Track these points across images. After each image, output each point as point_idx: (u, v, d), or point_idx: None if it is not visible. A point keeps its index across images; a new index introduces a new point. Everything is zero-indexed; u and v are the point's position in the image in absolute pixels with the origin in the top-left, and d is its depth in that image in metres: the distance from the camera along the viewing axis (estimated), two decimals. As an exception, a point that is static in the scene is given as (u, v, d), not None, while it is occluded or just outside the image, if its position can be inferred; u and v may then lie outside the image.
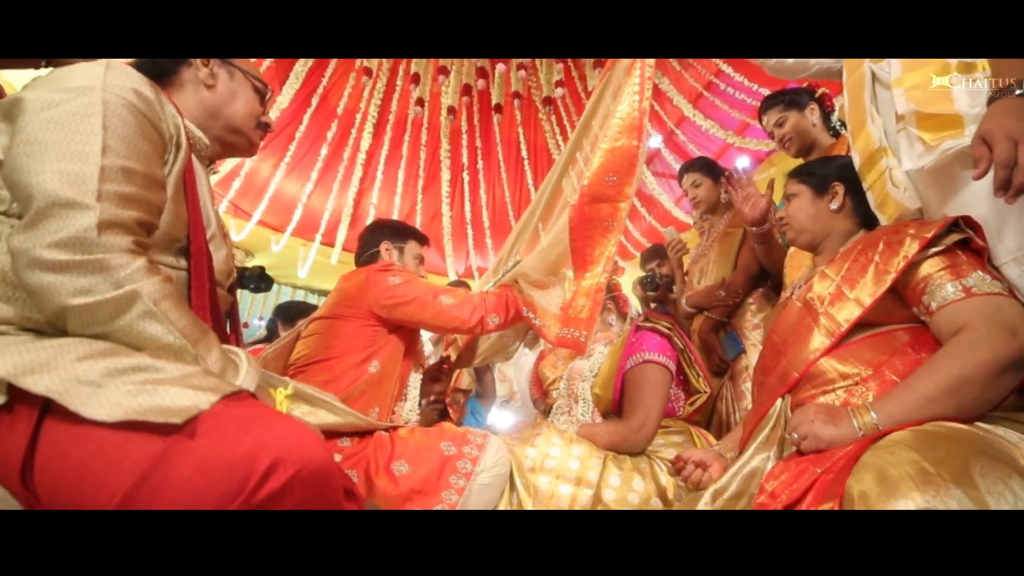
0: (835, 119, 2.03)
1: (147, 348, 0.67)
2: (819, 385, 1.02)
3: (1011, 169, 0.78)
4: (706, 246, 2.32)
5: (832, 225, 1.28)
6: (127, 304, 0.65)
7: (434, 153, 5.16)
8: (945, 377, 0.83)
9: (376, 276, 1.50)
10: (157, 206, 0.78)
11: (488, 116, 4.78)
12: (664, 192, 4.77)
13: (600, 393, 1.64)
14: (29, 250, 0.62)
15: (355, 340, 1.42)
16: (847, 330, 1.01)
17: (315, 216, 5.32)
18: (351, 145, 4.80)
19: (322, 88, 4.35)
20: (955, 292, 0.92)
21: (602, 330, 1.86)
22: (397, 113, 4.78)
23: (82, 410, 0.55)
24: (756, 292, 2.03)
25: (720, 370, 2.02)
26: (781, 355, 1.12)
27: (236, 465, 0.54)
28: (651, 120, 4.45)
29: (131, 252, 0.68)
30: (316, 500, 0.58)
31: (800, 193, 1.34)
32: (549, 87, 4.40)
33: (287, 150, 4.67)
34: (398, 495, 1.23)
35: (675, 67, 3.99)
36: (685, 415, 1.67)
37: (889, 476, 0.66)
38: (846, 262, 1.12)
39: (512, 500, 1.40)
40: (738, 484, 0.96)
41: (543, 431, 1.53)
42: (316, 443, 0.60)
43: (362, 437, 1.29)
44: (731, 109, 3.85)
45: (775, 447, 0.97)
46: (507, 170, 5.31)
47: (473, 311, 1.50)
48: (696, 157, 2.49)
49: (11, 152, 0.67)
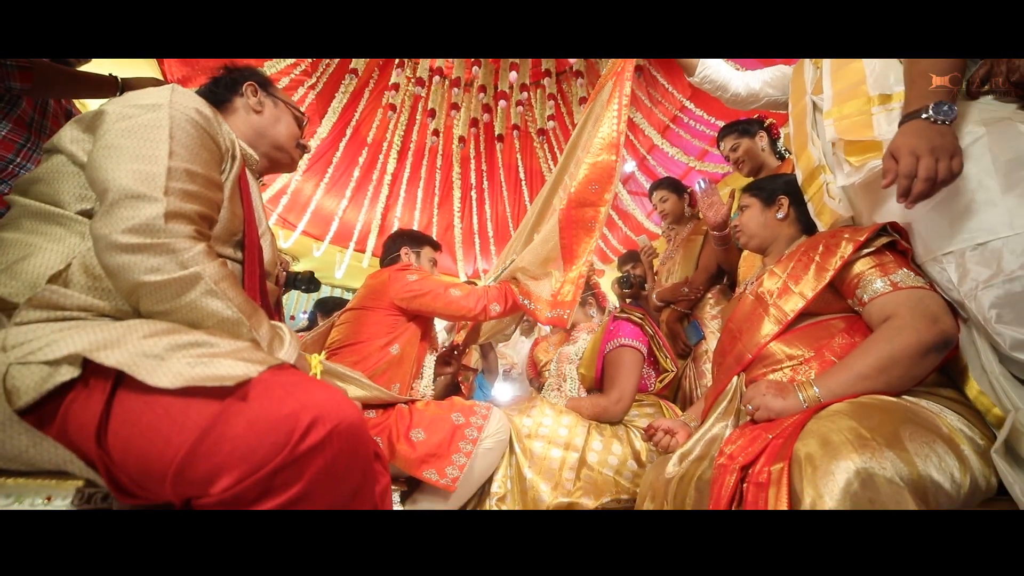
0: (780, 145, 2.01)
1: (207, 323, 0.64)
2: (769, 365, 1.00)
3: (911, 180, 0.76)
4: (672, 250, 2.30)
5: (778, 231, 1.26)
6: (192, 283, 0.63)
7: (447, 175, 5.12)
8: (876, 358, 0.81)
9: (397, 274, 1.48)
10: (216, 203, 0.76)
11: (492, 145, 4.74)
12: (637, 208, 4.73)
13: (584, 372, 1.64)
14: (107, 235, 0.61)
15: (379, 327, 1.40)
16: (793, 319, 0.99)
17: (349, 227, 5.28)
18: (379, 168, 4.75)
19: (355, 121, 4.31)
20: (883, 286, 0.90)
21: (585, 321, 1.85)
22: (417, 142, 4.73)
23: (148, 379, 0.52)
24: (714, 288, 2.01)
25: (684, 353, 2.00)
26: (737, 340, 1.10)
27: (282, 421, 0.51)
28: (626, 147, 4.42)
29: (193, 238, 0.66)
30: (351, 452, 0.56)
31: (751, 205, 1.32)
32: (543, 120, 4.36)
33: (326, 172, 4.63)
34: (416, 458, 1.20)
35: (646, 103, 3.96)
36: (655, 390, 1.65)
37: (831, 441, 0.64)
38: (791, 262, 1.10)
39: (511, 461, 1.37)
40: (701, 448, 0.93)
41: (537, 404, 1.50)
42: (350, 404, 0.58)
43: (385, 409, 1.27)
44: (693, 139, 3.81)
45: (732, 417, 0.95)
46: (508, 190, 5.27)
47: (478, 301, 1.48)
48: (664, 177, 2.46)
49: (92, 155, 0.66)
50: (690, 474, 0.89)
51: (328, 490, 0.54)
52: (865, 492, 0.56)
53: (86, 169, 0.67)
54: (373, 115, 4.41)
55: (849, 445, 0.61)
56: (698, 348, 1.93)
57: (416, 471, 1.20)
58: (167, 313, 0.63)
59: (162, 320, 0.63)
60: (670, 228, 2.40)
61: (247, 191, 0.87)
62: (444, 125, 4.54)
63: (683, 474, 0.91)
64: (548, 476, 1.31)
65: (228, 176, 0.81)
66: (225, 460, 0.50)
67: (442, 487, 1.19)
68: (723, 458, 0.81)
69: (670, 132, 3.95)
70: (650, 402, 1.59)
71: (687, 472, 0.90)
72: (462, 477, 1.22)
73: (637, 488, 1.31)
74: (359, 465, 0.58)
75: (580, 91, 4.01)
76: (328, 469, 0.53)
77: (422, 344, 1.50)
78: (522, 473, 1.33)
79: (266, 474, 0.50)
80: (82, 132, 0.71)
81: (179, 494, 0.51)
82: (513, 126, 4.22)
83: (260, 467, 0.50)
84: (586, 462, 1.36)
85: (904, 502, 0.54)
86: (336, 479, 0.54)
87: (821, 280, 0.99)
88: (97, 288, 0.65)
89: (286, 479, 0.51)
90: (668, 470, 0.94)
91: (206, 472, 0.50)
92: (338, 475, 0.54)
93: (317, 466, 0.52)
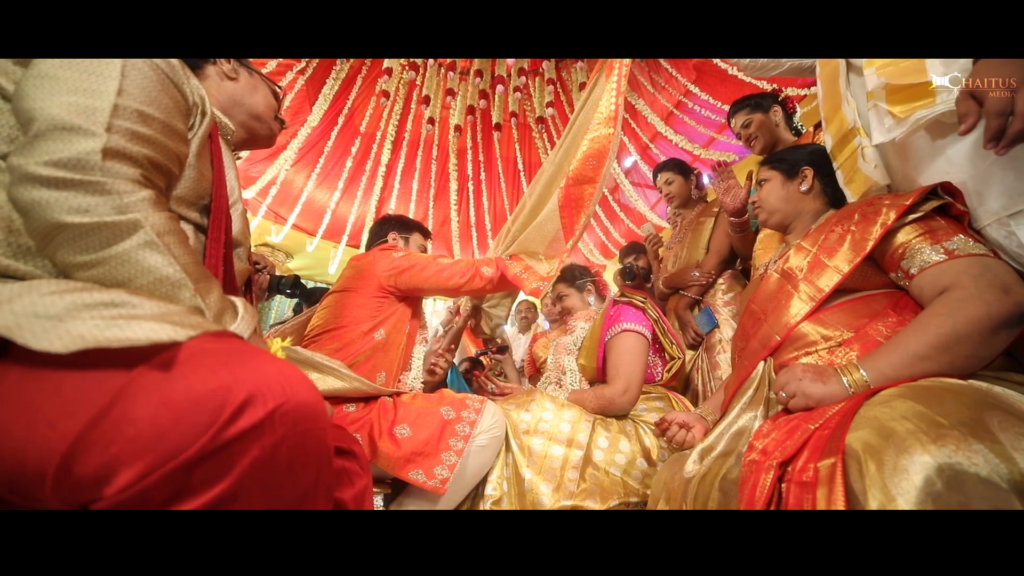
0: (797, 120, 1.90)
1: (138, 281, 0.52)
2: (801, 347, 0.88)
3: (1005, 118, 0.65)
4: (678, 235, 2.19)
5: (802, 205, 1.15)
6: (127, 231, 0.52)
7: (443, 167, 5.00)
8: (936, 334, 0.69)
9: (382, 252, 1.38)
10: (176, 155, 0.64)
11: (489, 135, 4.62)
12: (640, 199, 4.62)
13: (585, 363, 1.52)
14: (23, 166, 0.49)
15: (363, 310, 1.28)
16: (827, 295, 0.88)
17: (342, 221, 5.16)
18: (372, 159, 4.64)
19: (347, 109, 4.19)
20: (937, 255, 0.79)
21: (583, 309, 1.72)
22: (412, 132, 4.61)
23: (33, 343, 0.40)
24: (726, 274, 1.89)
25: (695, 343, 1.88)
26: (761, 321, 0.99)
27: (207, 398, 0.40)
28: (627, 135, 4.31)
29: (138, 183, 0.55)
30: (298, 442, 0.44)
31: (771, 178, 1.20)
32: (541, 108, 4.24)
33: (317, 163, 4.51)
34: (400, 457, 1.09)
35: (648, 89, 3.84)
36: (663, 381, 1.53)
37: (895, 431, 0.53)
38: (821, 234, 0.99)
39: (508, 460, 1.26)
40: (726, 443, 0.82)
41: (536, 397, 1.38)
42: (301, 380, 0.46)
43: (367, 402, 1.15)
44: (698, 125, 3.70)
45: (761, 407, 0.83)
46: (505, 182, 5.15)
47: (467, 267, 1.38)
48: (669, 159, 2.35)
49: (22, 84, 0.54)
50: (713, 473, 0.78)
51: (267, 490, 0.42)
52: (953, 495, 0.44)
53: (12, 100, 0.55)
54: (366, 103, 4.29)
55: (922, 436, 0.50)
56: (710, 337, 1.81)
57: (401, 472, 1.08)
58: (89, 266, 0.51)
59: (81, 275, 0.51)
60: (676, 214, 2.29)
61: (219, 154, 0.78)
62: (440, 113, 4.42)
63: (704, 473, 0.79)
64: (549, 476, 1.20)
65: (196, 132, 0.71)
66: (125, 449, 0.38)
67: (430, 489, 1.08)
68: (754, 453, 0.70)
69: (674, 119, 3.84)
70: (658, 394, 1.47)
71: (709, 471, 0.78)
72: (453, 478, 1.11)
73: (648, 490, 1.19)
74: (311, 460, 0.46)
75: (580, 76, 3.90)
76: (266, 462, 0.42)
77: (411, 330, 1.38)
78: (520, 473, 1.22)
79: (179, 466, 0.38)
80: (13, 64, 0.59)
81: (64, 498, 0.39)
82: (511, 114, 4.11)
83: (171, 457, 0.38)
84: (591, 461, 1.24)
85: (1009, 508, 0.43)
86: (278, 476, 0.43)
87: (859, 252, 0.87)
88: (15, 246, 0.53)
89: (208, 473, 0.39)
90: (687, 468, 0.82)
91: (99, 466, 0.38)
92: (280, 470, 0.43)
93: (251, 457, 0.40)
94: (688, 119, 3.72)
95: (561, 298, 1.75)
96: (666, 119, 3.87)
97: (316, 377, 1.08)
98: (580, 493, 1.17)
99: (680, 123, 3.82)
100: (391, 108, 4.38)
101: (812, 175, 1.15)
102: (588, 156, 1.40)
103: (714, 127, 3.65)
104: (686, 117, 3.73)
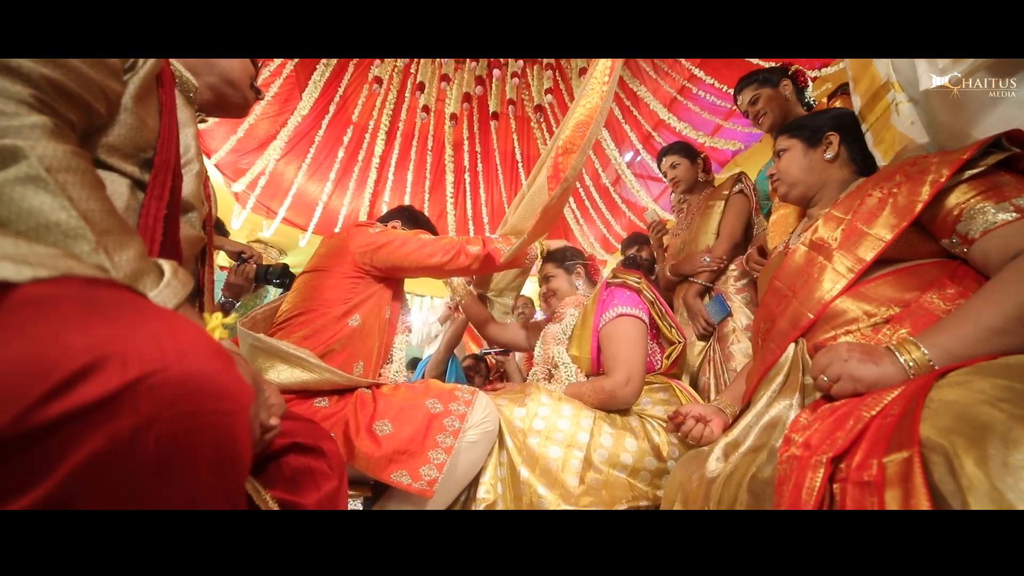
0: (809, 94, 1.78)
1: (19, 226, 0.40)
2: (839, 325, 0.77)
3: None
4: (685, 221, 2.07)
5: (827, 175, 1.03)
6: (4, 159, 0.41)
7: (439, 159, 4.89)
8: (1015, 304, 0.58)
9: (358, 227, 1.25)
10: (99, 87, 0.52)
11: (486, 124, 4.50)
12: (642, 190, 4.50)
13: (577, 354, 1.37)
14: None
15: (337, 292, 1.15)
16: (869, 264, 0.76)
17: (334, 215, 5.03)
18: (365, 149, 4.52)
19: (338, 97, 4.07)
20: (1005, 214, 0.67)
21: (570, 294, 1.55)
22: (406, 122, 4.49)
23: None
24: (737, 259, 1.78)
25: (706, 334, 1.77)
26: (789, 299, 0.87)
27: (28, 360, 0.27)
28: (629, 124, 4.19)
29: (29, 105, 0.43)
30: (181, 430, 0.30)
31: (791, 147, 1.09)
32: (540, 95, 4.13)
33: (307, 153, 4.39)
34: (381, 456, 0.97)
35: (650, 74, 3.73)
36: (663, 369, 1.39)
37: (991, 417, 0.41)
38: (856, 200, 0.87)
39: (502, 459, 1.14)
40: (756, 437, 0.70)
41: (531, 391, 1.26)
42: (198, 345, 0.32)
43: (341, 395, 1.03)
44: (703, 111, 3.58)
45: (796, 394, 0.72)
46: (503, 174, 5.03)
47: (451, 244, 1.25)
48: (674, 141, 2.23)
49: None
50: (741, 471, 0.67)
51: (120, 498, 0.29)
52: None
53: None
54: (359, 91, 4.17)
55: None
56: (723, 327, 1.69)
57: (382, 473, 0.97)
58: None
59: None
60: (681, 200, 2.17)
61: (170, 106, 0.68)
62: (435, 104, 4.30)
63: (731, 472, 0.68)
64: (547, 478, 1.08)
65: (138, 72, 0.60)
66: None
67: (416, 492, 0.96)
68: (794, 448, 0.58)
69: (677, 105, 3.72)
70: (661, 384, 1.34)
71: (736, 469, 0.67)
72: (441, 478, 0.99)
73: (659, 492, 1.08)
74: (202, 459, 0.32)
75: (580, 61, 3.78)
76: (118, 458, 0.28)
77: (392, 316, 1.26)
78: (516, 472, 1.10)
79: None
80: None
81: None
82: (508, 101, 4.00)
83: None
84: (592, 462, 1.13)
85: None
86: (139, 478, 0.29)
87: (905, 216, 0.76)
88: None
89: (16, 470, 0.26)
90: (710, 467, 0.71)
91: None
92: (142, 470, 0.29)
93: (89, 449, 0.27)
94: (693, 105, 3.60)
95: (548, 279, 1.58)
96: (669, 105, 3.76)
97: (283, 368, 0.97)
98: (582, 497, 1.05)
99: (684, 110, 3.70)
100: (384, 96, 4.26)
101: (838, 141, 1.04)
102: (580, 124, 1.29)
103: (720, 114, 3.53)
104: (690, 103, 3.62)
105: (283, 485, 0.67)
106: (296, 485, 0.68)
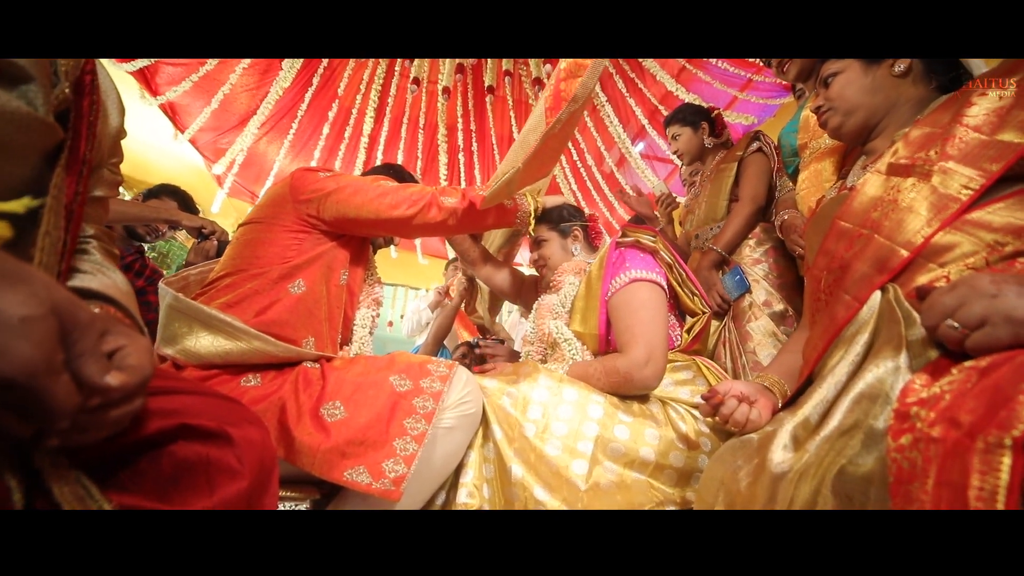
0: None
1: None
2: (949, 262, 0.56)
3: None
4: (696, 191, 1.87)
5: (898, 93, 0.82)
6: None
7: (432, 138, 4.67)
8: None
9: (304, 171, 1.02)
10: None
11: (481, 100, 4.26)
12: (648, 170, 4.28)
13: (581, 330, 1.14)
14: None
15: (273, 250, 0.93)
16: (997, 176, 0.56)
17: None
18: (352, 125, 4.29)
19: (322, 68, 3.84)
20: None
21: (565, 260, 1.31)
22: (396, 98, 4.26)
23: None
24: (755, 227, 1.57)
25: (721, 311, 1.56)
26: (868, 238, 0.66)
27: None
28: (634, 97, 3.97)
29: None
30: None
31: (845, 68, 0.88)
32: (538, 67, 3.90)
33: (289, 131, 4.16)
34: (331, 449, 0.76)
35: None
36: (684, 345, 1.18)
37: None
38: (951, 110, 0.67)
39: (488, 454, 0.94)
40: (844, 414, 0.49)
41: (527, 372, 1.05)
42: None
43: (280, 372, 0.81)
44: (714, 80, 3.36)
45: (903, 353, 0.51)
46: (500, 154, 4.82)
47: (420, 194, 1.02)
48: (674, 110, 2.00)
49: None
50: (825, 464, 0.46)
51: None
52: None
53: None
54: (345, 62, 3.94)
55: None
56: (739, 303, 1.49)
57: (333, 472, 0.76)
58: None
59: None
60: (692, 174, 1.97)
61: None
62: (427, 74, 4.08)
63: (807, 465, 0.47)
64: (547, 478, 0.88)
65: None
66: None
67: (378, 494, 0.76)
68: (922, 424, 0.38)
69: (685, 73, 3.50)
70: (683, 362, 1.13)
71: (821, 460, 0.46)
72: (411, 475, 0.79)
73: (688, 494, 0.88)
74: None
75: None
76: None
77: (349, 283, 1.03)
78: (507, 471, 0.89)
79: None
80: None
81: None
82: (505, 72, 3.77)
83: None
84: (602, 460, 0.92)
85: None
86: None
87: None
88: None
89: None
90: (775, 459, 0.50)
91: None
92: None
93: None
94: (701, 73, 3.38)
95: (538, 243, 1.34)
96: (677, 75, 3.53)
97: (203, 335, 0.76)
98: (591, 501, 0.85)
99: (692, 79, 3.48)
100: (373, 71, 4.04)
101: (909, 56, 0.83)
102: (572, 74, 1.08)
103: (736, 84, 3.31)
104: (700, 72, 3.39)
105: (151, 487, 0.46)
106: (176, 487, 0.48)
